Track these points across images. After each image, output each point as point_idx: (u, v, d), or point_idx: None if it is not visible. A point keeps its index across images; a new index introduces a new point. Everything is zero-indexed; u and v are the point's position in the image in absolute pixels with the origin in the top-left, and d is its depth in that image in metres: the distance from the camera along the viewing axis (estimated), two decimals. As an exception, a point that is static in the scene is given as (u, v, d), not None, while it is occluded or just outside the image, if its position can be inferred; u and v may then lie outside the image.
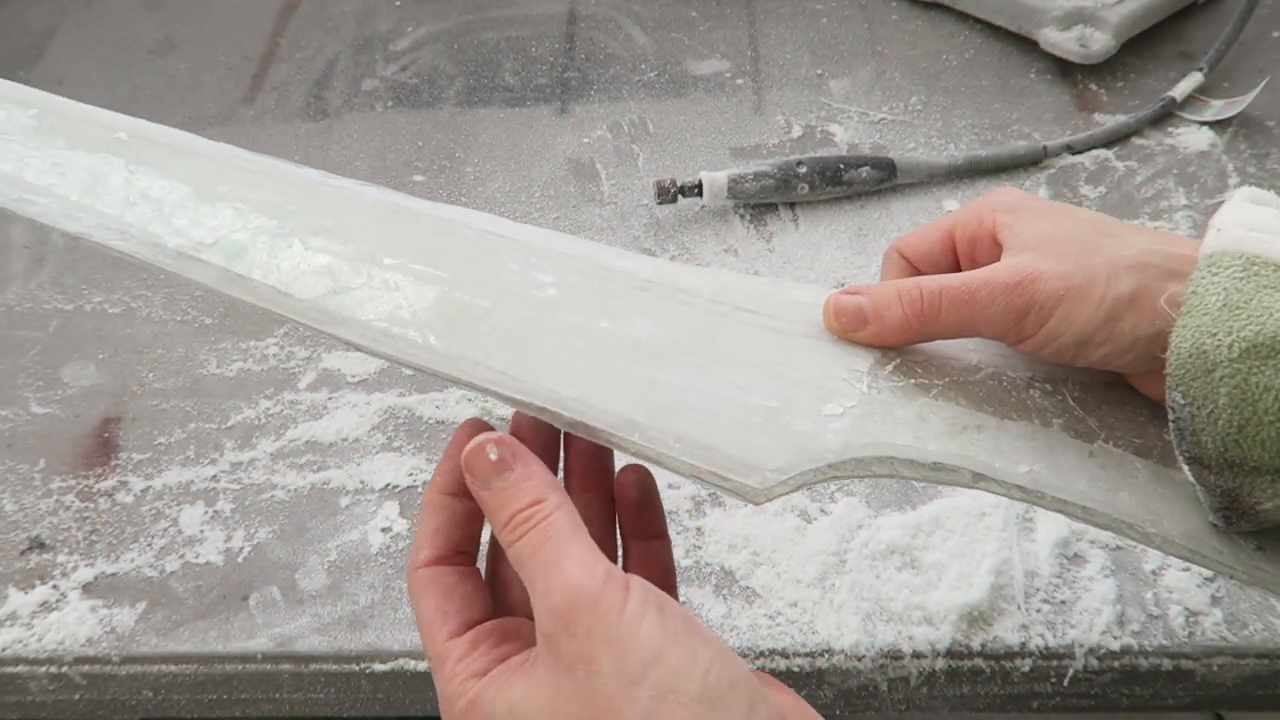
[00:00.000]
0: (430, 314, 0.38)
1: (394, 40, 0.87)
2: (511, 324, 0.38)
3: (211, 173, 0.42)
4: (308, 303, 0.39)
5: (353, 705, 0.53)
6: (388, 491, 0.57)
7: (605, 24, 0.87)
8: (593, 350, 0.38)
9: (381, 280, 0.39)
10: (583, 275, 0.40)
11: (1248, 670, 0.49)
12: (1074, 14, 0.76)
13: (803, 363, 0.39)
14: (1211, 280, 0.35)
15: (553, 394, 0.37)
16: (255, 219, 0.41)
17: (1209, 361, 0.34)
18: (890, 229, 0.68)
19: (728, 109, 0.78)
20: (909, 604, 0.50)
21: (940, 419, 0.38)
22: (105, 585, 0.54)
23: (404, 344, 0.38)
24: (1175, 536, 0.37)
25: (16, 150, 0.42)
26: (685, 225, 0.70)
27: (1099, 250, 0.37)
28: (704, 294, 0.41)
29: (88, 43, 0.89)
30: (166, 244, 0.40)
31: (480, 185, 0.73)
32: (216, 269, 0.39)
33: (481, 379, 0.37)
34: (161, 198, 0.41)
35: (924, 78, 0.79)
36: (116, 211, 0.41)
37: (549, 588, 0.32)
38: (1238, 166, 0.70)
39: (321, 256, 0.40)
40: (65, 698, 0.53)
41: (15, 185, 0.42)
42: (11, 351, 0.65)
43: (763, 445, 0.36)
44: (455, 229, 0.41)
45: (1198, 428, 0.34)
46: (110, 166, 0.42)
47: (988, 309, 0.38)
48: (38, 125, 0.43)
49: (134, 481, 0.58)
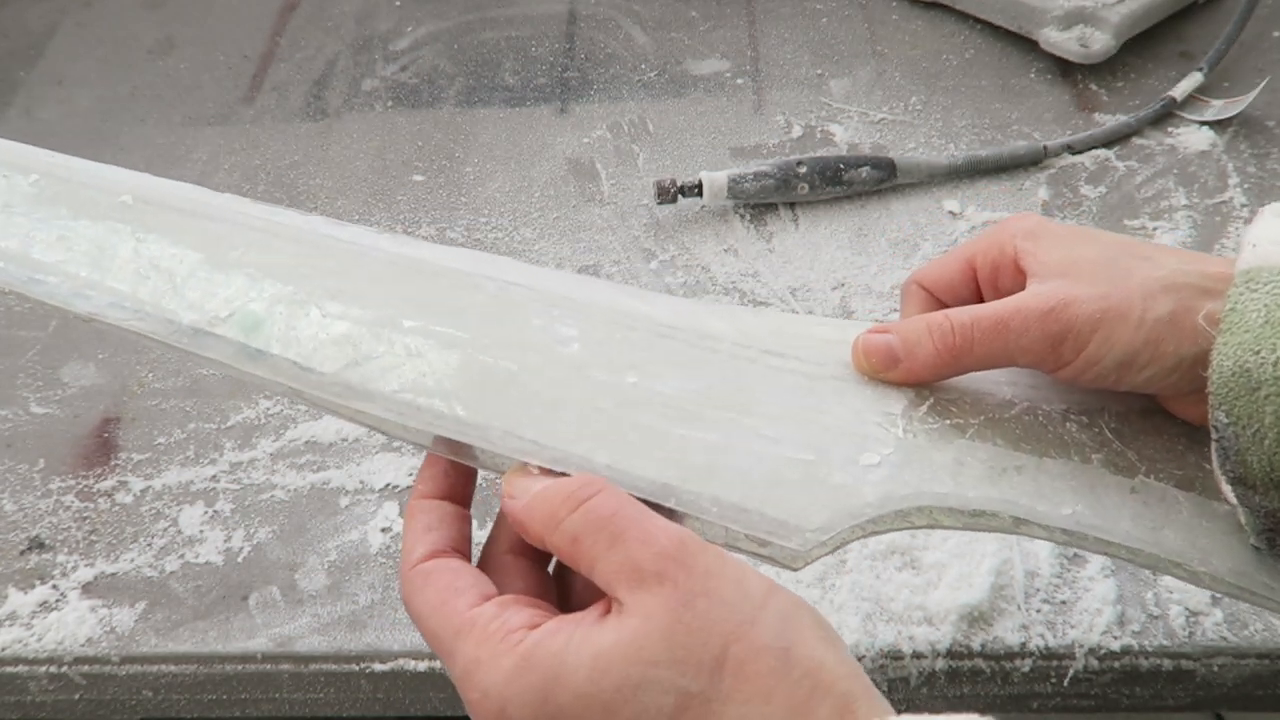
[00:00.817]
0: (455, 381, 0.37)
1: (394, 40, 0.87)
2: (538, 386, 0.37)
3: (221, 236, 0.40)
4: (330, 376, 0.37)
5: (353, 705, 0.53)
6: (388, 491, 0.57)
7: (605, 24, 0.87)
8: (621, 410, 0.37)
9: (403, 346, 0.38)
10: (606, 327, 0.39)
11: (1248, 670, 0.49)
12: (1074, 14, 0.76)
13: (834, 406, 0.38)
14: (1250, 296, 0.34)
15: (586, 461, 0.36)
16: (270, 286, 0.39)
17: (1253, 380, 0.33)
18: (890, 229, 0.68)
19: (728, 109, 0.78)
20: (909, 604, 0.50)
21: (979, 461, 0.37)
22: (105, 585, 0.54)
23: (431, 416, 0.36)
24: (1224, 574, 0.36)
25: (21, 224, 0.41)
26: (685, 225, 0.70)
27: (1130, 273, 0.37)
28: (729, 338, 0.40)
29: (87, 43, 0.89)
30: (181, 321, 0.38)
31: (480, 185, 0.73)
32: (234, 345, 0.38)
33: (512, 449, 0.36)
34: (172, 268, 0.39)
35: (924, 78, 0.79)
36: (128, 287, 0.39)
37: (647, 537, 0.32)
38: (1238, 166, 0.70)
39: (340, 324, 0.38)
40: (65, 698, 0.53)
41: (23, 264, 0.40)
42: (11, 351, 0.65)
43: (801, 504, 0.35)
44: (474, 282, 0.40)
45: (1242, 447, 0.34)
46: (118, 235, 0.40)
47: (1022, 338, 0.37)
48: (39, 193, 0.42)
49: (134, 481, 0.58)
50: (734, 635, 0.30)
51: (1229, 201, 0.68)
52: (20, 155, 0.43)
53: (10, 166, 0.43)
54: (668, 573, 0.31)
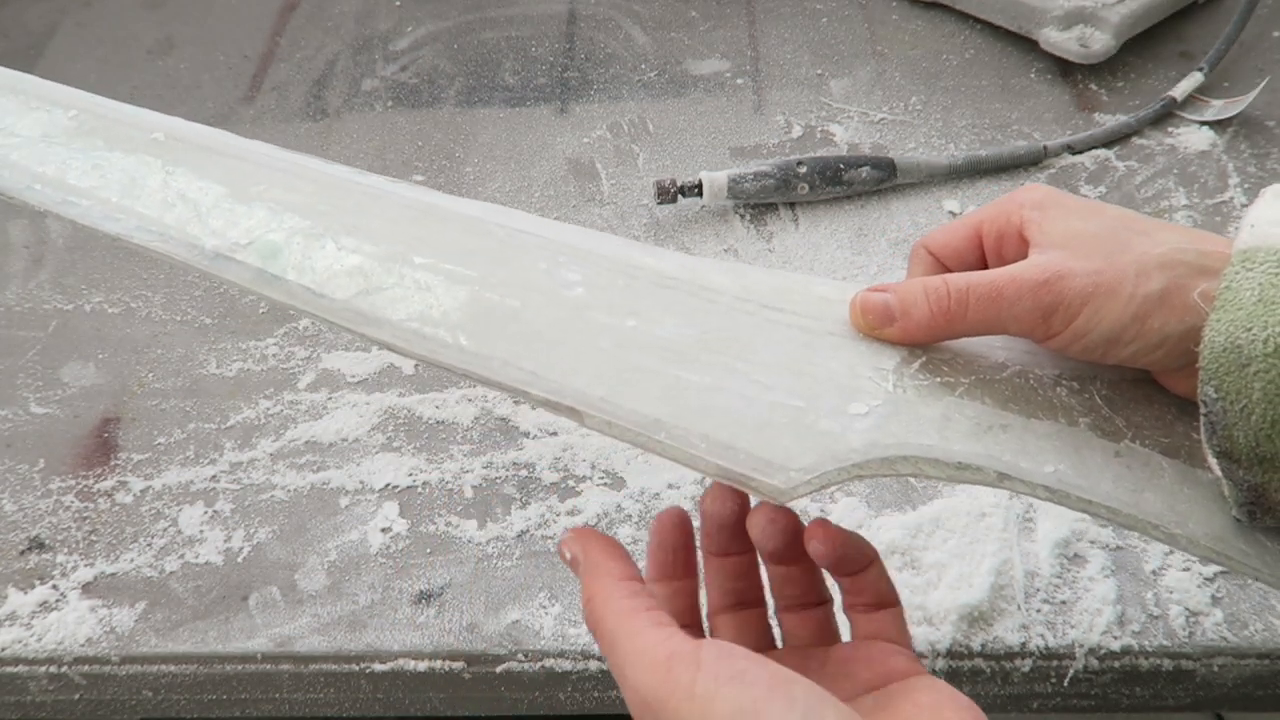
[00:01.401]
0: (460, 314, 0.39)
1: (394, 40, 0.87)
2: (540, 324, 0.39)
3: (246, 173, 0.43)
4: (341, 303, 0.39)
5: (352, 705, 0.53)
6: (387, 491, 0.57)
7: (605, 24, 0.87)
8: (619, 350, 0.38)
9: (413, 280, 0.40)
10: (610, 274, 0.41)
11: (1248, 670, 0.49)
12: (1074, 14, 0.76)
13: (828, 360, 0.39)
14: (1246, 275, 0.35)
15: (580, 393, 0.37)
16: (289, 219, 0.41)
17: (1243, 356, 0.34)
18: (890, 229, 0.68)
19: (728, 109, 0.78)
20: (909, 604, 0.50)
21: (965, 418, 0.38)
22: (105, 585, 0.54)
23: (435, 344, 0.38)
24: (1201, 538, 0.37)
25: (60, 153, 0.43)
26: (685, 225, 0.70)
27: (1128, 248, 0.37)
28: (730, 292, 0.41)
29: (87, 42, 0.89)
30: (204, 245, 0.41)
31: (480, 185, 0.73)
32: (252, 269, 0.40)
33: (511, 379, 0.38)
34: (198, 199, 0.42)
35: (924, 78, 0.79)
36: (155, 213, 0.41)
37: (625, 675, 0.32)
38: (1238, 166, 0.70)
39: (354, 257, 0.40)
40: (65, 698, 0.53)
41: (59, 188, 0.42)
42: (11, 351, 0.65)
43: (787, 445, 0.36)
44: (485, 228, 0.42)
45: (1230, 422, 0.34)
46: (148, 168, 0.43)
47: (1015, 306, 0.37)
48: (78, 126, 0.44)
49: (133, 481, 0.58)
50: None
51: (1229, 201, 0.68)
52: (61, 93, 0.45)
53: (50, 102, 0.45)
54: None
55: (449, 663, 0.51)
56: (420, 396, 0.61)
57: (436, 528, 0.55)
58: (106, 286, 0.69)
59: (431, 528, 0.55)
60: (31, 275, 0.70)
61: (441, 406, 0.60)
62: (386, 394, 0.61)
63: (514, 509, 0.56)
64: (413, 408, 0.60)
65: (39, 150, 0.43)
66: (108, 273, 0.69)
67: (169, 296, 0.68)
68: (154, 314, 0.67)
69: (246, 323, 0.66)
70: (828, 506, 0.54)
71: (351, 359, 0.63)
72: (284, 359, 0.63)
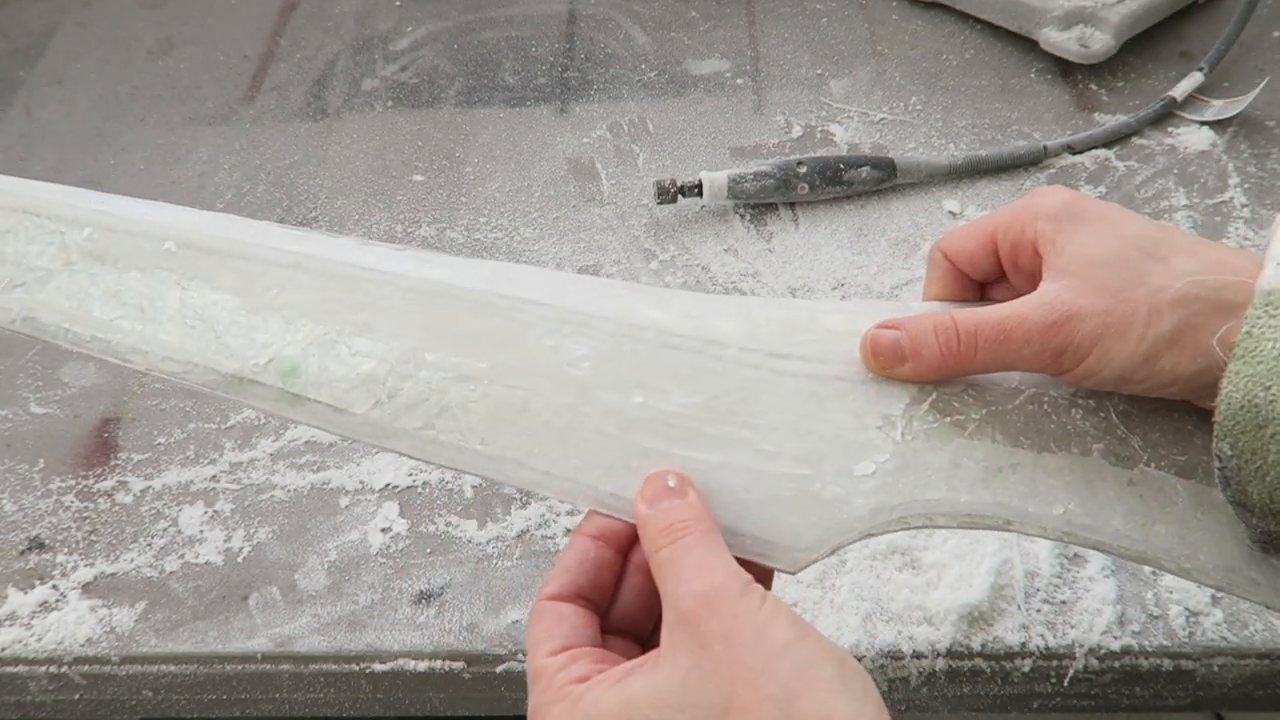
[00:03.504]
0: (476, 418, 0.40)
1: (394, 40, 0.87)
2: (549, 414, 0.40)
3: (254, 276, 0.44)
4: (360, 418, 0.40)
5: (352, 705, 0.53)
6: (387, 491, 0.57)
7: (605, 24, 0.87)
8: (627, 434, 0.39)
9: (426, 382, 0.41)
10: (614, 341, 0.41)
11: (1248, 670, 0.49)
12: (1074, 14, 0.76)
13: (835, 412, 0.39)
14: (1269, 323, 0.33)
15: (592, 490, 0.38)
16: (302, 327, 0.42)
17: (1261, 416, 0.33)
18: (890, 229, 0.68)
19: (728, 109, 0.78)
20: (909, 604, 0.50)
21: (974, 461, 0.38)
22: (105, 585, 0.54)
23: (453, 451, 0.40)
24: (1211, 570, 0.37)
25: (81, 282, 0.44)
26: (685, 225, 0.70)
27: (1142, 279, 0.36)
28: (736, 343, 0.41)
29: (87, 42, 0.89)
30: (224, 370, 0.42)
31: (480, 185, 0.73)
32: (274, 390, 0.41)
33: (525, 481, 0.39)
34: (214, 316, 0.43)
35: (924, 78, 0.79)
36: (177, 339, 0.43)
37: (695, 577, 0.33)
38: (1238, 166, 0.70)
39: (368, 362, 0.41)
40: (65, 698, 0.53)
41: (85, 324, 0.44)
42: (11, 351, 0.65)
43: (792, 524, 0.37)
44: (489, 303, 0.42)
45: (1244, 479, 0.34)
46: (164, 284, 0.44)
47: (1024, 349, 0.37)
48: (93, 248, 0.45)
49: (133, 481, 0.58)
50: (742, 681, 0.31)
51: (1229, 201, 0.68)
52: (74, 210, 0.46)
53: (65, 222, 0.46)
54: (696, 615, 0.32)
55: (449, 663, 0.51)
56: (420, 396, 0.61)
57: (436, 528, 0.55)
58: (106, 286, 0.69)
59: (431, 528, 0.55)
60: (31, 275, 0.70)
61: (441, 406, 0.60)
62: (386, 394, 0.61)
63: (514, 509, 0.56)
64: (413, 408, 0.60)
65: (62, 283, 0.44)
66: (108, 273, 0.69)
67: (169, 296, 0.68)
68: (154, 314, 0.67)
69: (246, 323, 0.66)
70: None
71: (351, 359, 0.63)
72: (284, 359, 0.63)
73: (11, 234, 0.46)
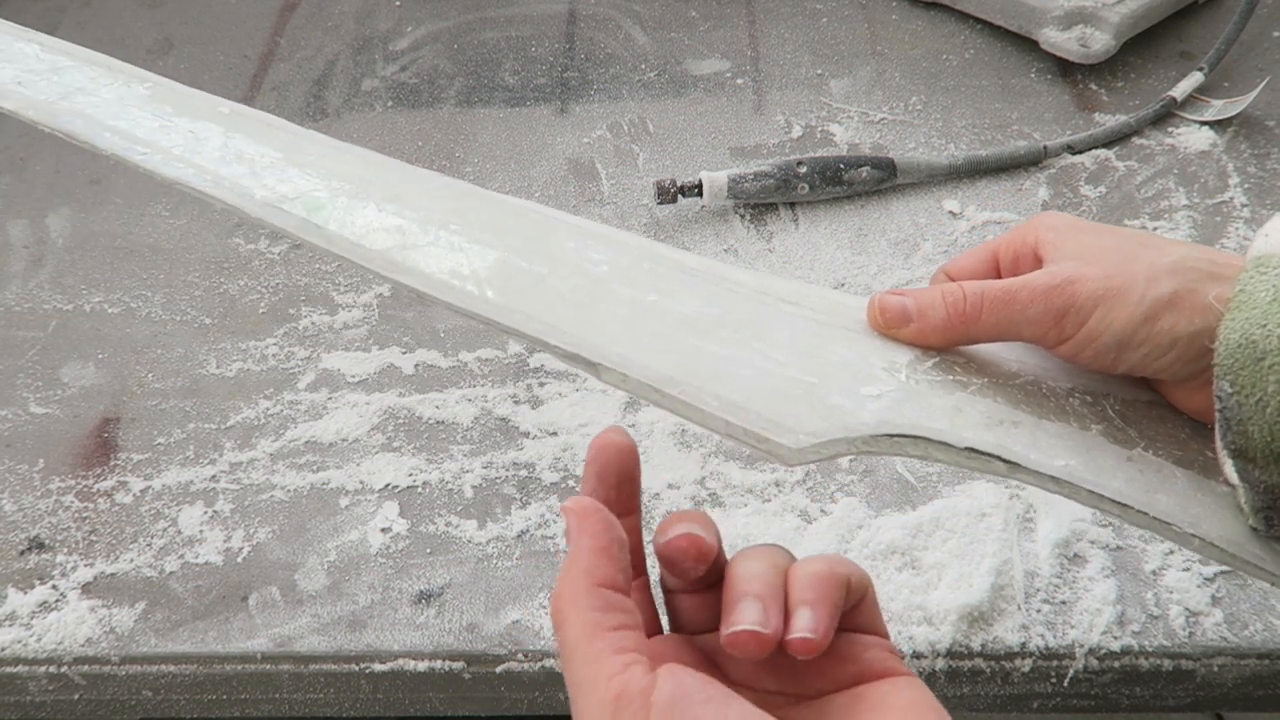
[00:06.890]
0: (489, 273, 0.41)
1: (394, 40, 0.87)
2: (565, 290, 0.41)
3: (302, 145, 0.46)
4: (377, 253, 0.42)
5: (352, 705, 0.53)
6: (387, 491, 0.57)
7: (605, 24, 0.87)
8: (640, 319, 0.40)
9: (447, 241, 0.42)
10: (634, 258, 0.42)
11: (1248, 671, 0.49)
12: (1074, 14, 0.76)
13: (842, 349, 0.40)
14: (1260, 278, 0.36)
15: (598, 348, 0.38)
16: (337, 183, 0.44)
17: (1258, 350, 0.34)
18: (890, 229, 0.68)
19: (728, 109, 0.78)
20: (909, 604, 0.50)
21: (977, 412, 0.38)
22: (104, 585, 0.54)
23: (462, 294, 0.40)
24: (1215, 539, 0.37)
25: (133, 113, 0.47)
26: (685, 225, 0.70)
27: (1139, 257, 0.38)
28: (750, 285, 0.42)
29: (86, 42, 0.87)
30: (254, 195, 0.44)
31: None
32: (297, 218, 0.43)
33: (533, 329, 0.39)
34: (254, 158, 0.45)
35: (924, 78, 0.79)
36: (213, 166, 0.45)
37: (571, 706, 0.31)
38: (1238, 166, 0.70)
39: (394, 218, 0.43)
40: (64, 698, 0.53)
41: (126, 138, 0.46)
42: (11, 351, 0.65)
43: (798, 411, 0.37)
44: (520, 211, 0.44)
45: (1245, 416, 0.35)
46: (211, 131, 0.47)
47: (1028, 309, 0.38)
48: (151, 95, 0.48)
49: (133, 482, 0.58)
50: None
51: (1229, 201, 0.68)
52: (136, 71, 0.50)
53: (129, 76, 0.49)
54: None
55: (449, 663, 0.51)
56: (420, 397, 0.61)
57: (436, 528, 0.55)
58: (106, 286, 0.69)
59: (431, 528, 0.55)
60: (31, 275, 0.70)
61: (441, 407, 0.60)
62: (386, 394, 0.61)
63: (514, 509, 0.56)
64: (413, 408, 0.60)
65: (114, 109, 0.47)
66: (107, 273, 0.69)
67: (169, 296, 0.68)
68: (154, 314, 0.67)
69: (246, 323, 0.66)
70: (828, 507, 0.54)
71: (351, 359, 0.63)
72: (284, 359, 0.63)
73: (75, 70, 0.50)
